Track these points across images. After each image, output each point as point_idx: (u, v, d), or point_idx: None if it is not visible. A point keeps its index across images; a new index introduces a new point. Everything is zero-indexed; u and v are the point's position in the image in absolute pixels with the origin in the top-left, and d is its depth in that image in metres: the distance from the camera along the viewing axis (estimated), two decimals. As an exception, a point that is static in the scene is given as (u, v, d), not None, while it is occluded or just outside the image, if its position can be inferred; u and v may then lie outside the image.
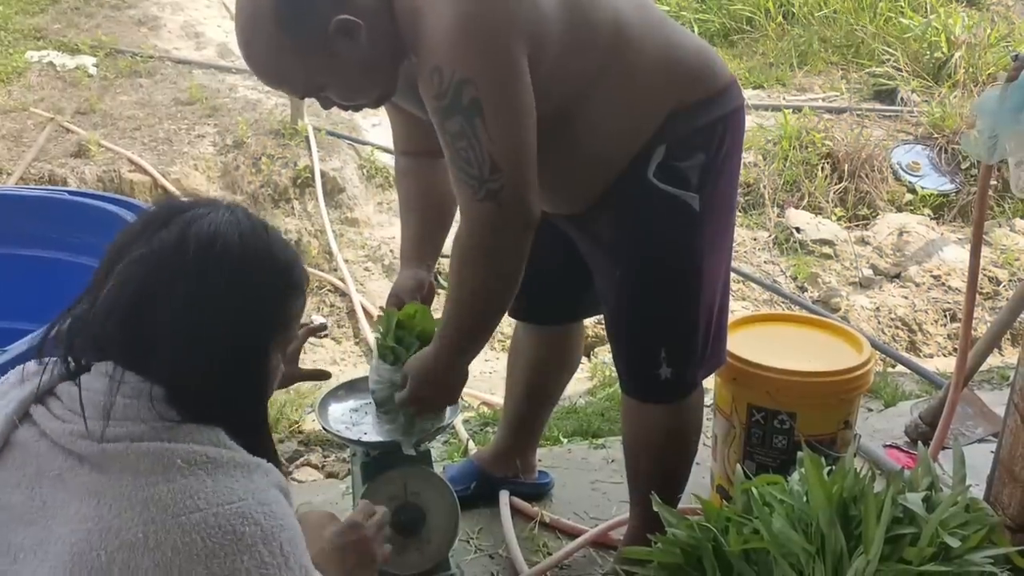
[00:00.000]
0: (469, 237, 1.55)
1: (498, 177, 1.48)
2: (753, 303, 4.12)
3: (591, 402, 3.11)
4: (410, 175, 1.94)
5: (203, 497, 1.01)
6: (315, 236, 4.26)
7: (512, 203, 1.50)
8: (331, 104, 1.64)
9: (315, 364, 3.51)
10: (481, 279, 1.58)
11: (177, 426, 1.07)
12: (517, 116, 1.48)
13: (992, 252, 4.47)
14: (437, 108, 1.49)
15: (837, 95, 5.96)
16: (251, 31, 1.51)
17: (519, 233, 1.54)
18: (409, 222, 1.93)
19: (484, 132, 1.46)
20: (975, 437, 2.58)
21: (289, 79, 1.58)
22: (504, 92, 1.47)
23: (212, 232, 1.11)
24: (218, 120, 4.74)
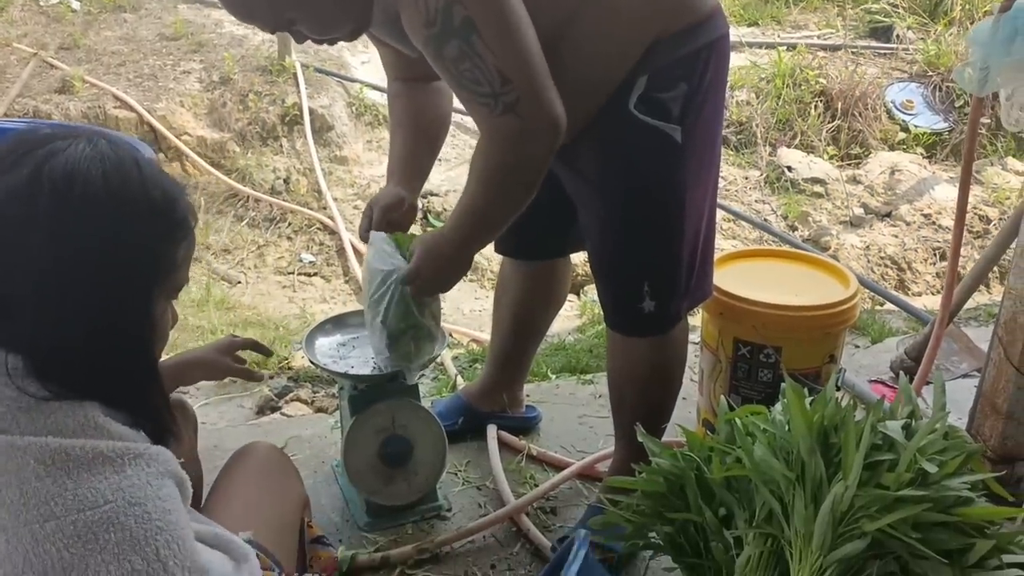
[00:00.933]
0: (494, 151, 1.54)
1: (511, 88, 1.46)
2: (743, 241, 4.12)
3: (580, 339, 3.12)
4: (402, 96, 1.93)
5: (60, 503, 0.88)
6: (304, 174, 4.22)
7: (533, 111, 1.48)
8: (304, 38, 1.61)
9: (304, 303, 3.51)
10: (504, 187, 1.58)
11: (38, 407, 0.94)
12: (513, 24, 1.46)
13: (983, 191, 4.46)
14: (429, 37, 1.46)
15: (832, 32, 5.89)
16: None
17: (547, 139, 1.52)
18: (397, 142, 1.93)
19: (484, 48, 1.43)
20: (959, 372, 2.61)
21: (257, 14, 1.55)
22: (494, 3, 1.44)
23: (70, 171, 0.95)
24: (204, 56, 4.67)
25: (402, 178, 1.89)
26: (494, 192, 1.59)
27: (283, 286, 3.64)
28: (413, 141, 1.91)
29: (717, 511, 1.48)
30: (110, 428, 0.95)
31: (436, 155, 1.96)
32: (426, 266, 1.70)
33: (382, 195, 1.87)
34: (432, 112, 1.90)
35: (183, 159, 4.15)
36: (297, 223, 3.96)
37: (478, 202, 1.61)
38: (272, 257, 3.81)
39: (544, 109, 1.49)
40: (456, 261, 1.70)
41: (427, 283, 1.72)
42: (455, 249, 1.67)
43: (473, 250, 1.71)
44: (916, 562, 1.25)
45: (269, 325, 3.15)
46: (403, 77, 1.90)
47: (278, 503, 1.47)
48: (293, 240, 3.92)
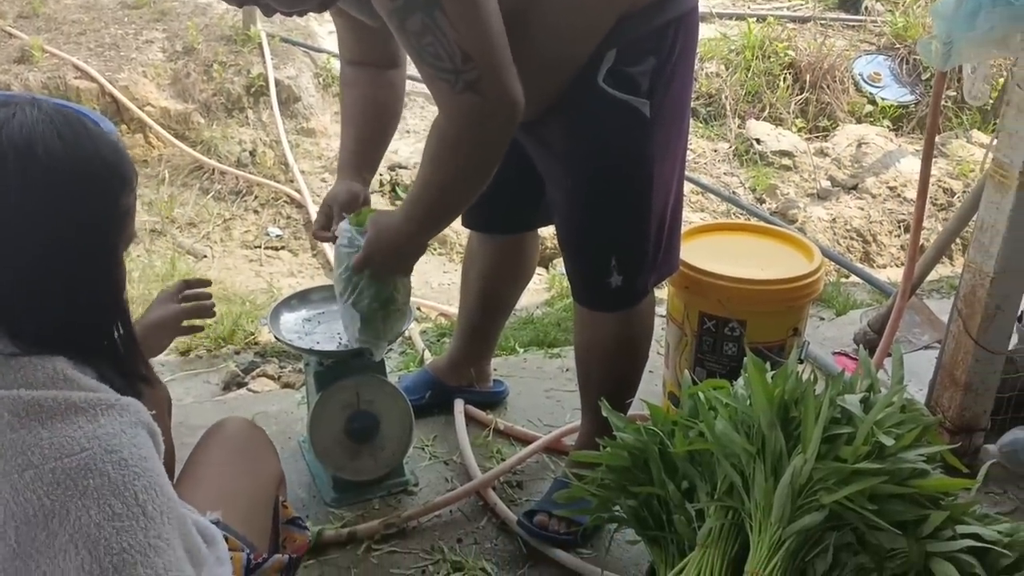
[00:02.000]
0: (452, 130, 1.52)
1: (472, 67, 1.44)
2: (712, 214, 4.14)
3: (548, 313, 3.13)
4: (355, 86, 1.89)
5: (37, 452, 0.91)
6: (270, 147, 4.17)
7: (493, 91, 1.47)
8: (273, 11, 1.58)
9: (271, 276, 3.48)
10: (461, 168, 1.56)
11: (6, 362, 0.97)
12: (477, 2, 1.44)
13: (948, 163, 4.51)
14: (393, 9, 1.44)
15: (802, 4, 5.89)
16: None
17: (506, 120, 1.51)
18: (349, 133, 1.89)
19: (447, 23, 1.42)
20: (921, 344, 2.64)
21: None
22: None
23: (27, 135, 0.98)
24: (167, 25, 4.58)
25: (354, 172, 1.87)
26: (451, 171, 1.57)
27: (250, 260, 3.61)
28: (366, 133, 1.88)
29: (680, 484, 1.49)
30: (79, 380, 0.98)
31: (387, 146, 1.94)
32: (379, 249, 1.68)
33: (338, 192, 1.85)
34: (386, 99, 1.88)
35: (146, 131, 4.09)
36: (264, 196, 3.92)
37: (433, 182, 1.59)
38: (238, 231, 3.78)
39: (504, 88, 1.47)
40: (411, 243, 1.68)
41: (380, 266, 1.71)
42: (409, 231, 1.65)
43: (429, 232, 1.70)
44: (872, 533, 1.28)
45: (236, 300, 3.13)
46: (358, 61, 1.87)
47: (251, 482, 1.45)
48: (260, 213, 3.88)
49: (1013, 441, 2.10)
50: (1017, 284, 1.98)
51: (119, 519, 0.91)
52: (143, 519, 0.92)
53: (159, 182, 3.95)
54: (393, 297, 1.78)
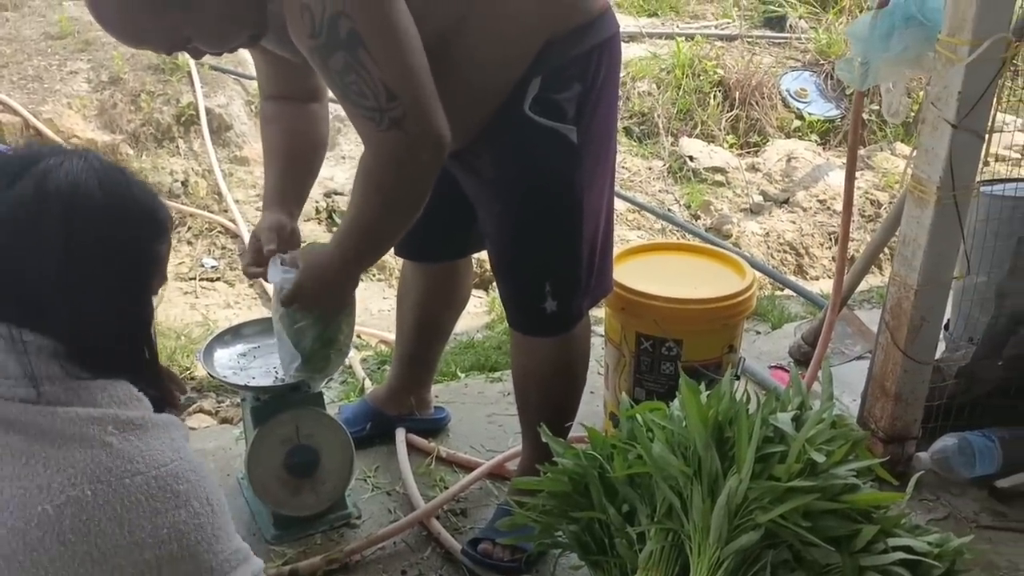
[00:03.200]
0: (379, 167, 1.52)
1: (397, 104, 1.44)
2: (648, 232, 4.18)
3: (489, 336, 3.13)
4: (275, 121, 1.87)
5: (140, 461, 1.08)
6: (203, 176, 4.11)
7: (419, 128, 1.47)
8: (202, 54, 1.57)
9: (207, 308, 3.42)
10: (390, 204, 1.56)
11: (89, 383, 1.10)
12: (400, 39, 1.44)
13: (874, 175, 4.63)
14: (315, 47, 1.44)
15: (729, 22, 6.01)
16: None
17: (432, 156, 1.51)
18: (273, 170, 1.87)
19: (371, 62, 1.42)
20: (853, 355, 2.70)
21: (150, 38, 1.50)
22: (381, 17, 1.42)
23: (72, 183, 1.10)
24: (92, 55, 4.48)
25: (280, 206, 1.84)
26: (379, 207, 1.57)
27: (184, 292, 3.54)
28: (290, 168, 1.85)
29: (620, 508, 1.50)
30: (145, 400, 1.15)
31: (314, 178, 1.92)
32: (310, 286, 1.67)
33: (265, 224, 1.82)
34: (309, 134, 1.86)
35: (73, 164, 4.00)
36: (197, 227, 3.85)
37: (363, 218, 1.59)
38: (172, 263, 3.68)
39: (430, 125, 1.48)
40: (342, 277, 1.68)
41: (311, 301, 1.69)
42: (341, 267, 1.65)
43: (361, 268, 1.70)
44: (807, 550, 1.30)
45: (170, 334, 3.06)
46: (279, 95, 1.85)
47: None
48: (194, 245, 3.81)
49: (943, 448, 2.16)
50: (940, 295, 2.04)
51: (198, 517, 1.10)
52: (212, 515, 1.12)
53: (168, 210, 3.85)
54: (336, 337, 1.77)
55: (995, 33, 1.76)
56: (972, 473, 2.15)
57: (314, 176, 1.91)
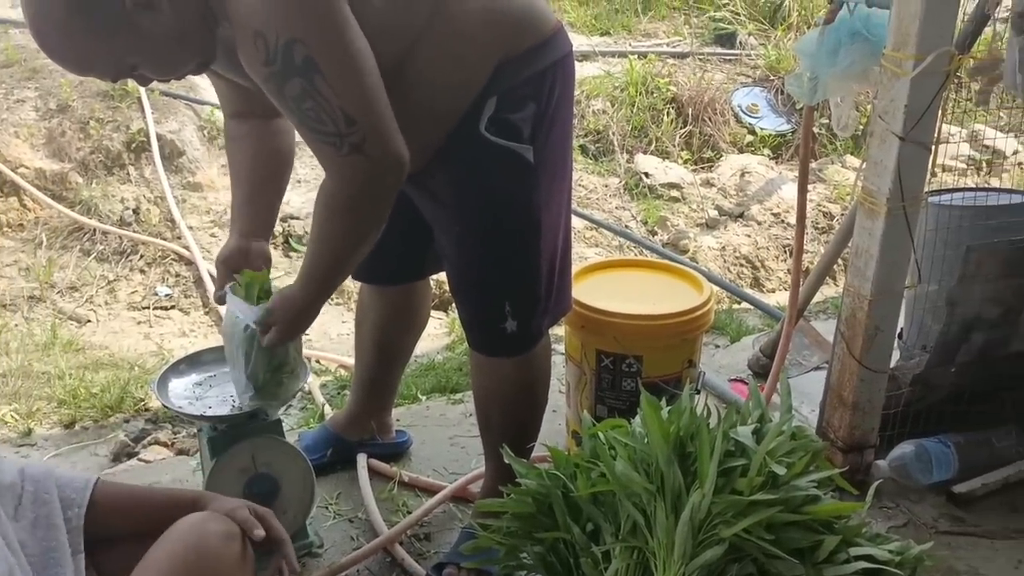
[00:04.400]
0: (342, 192, 1.52)
1: (356, 128, 1.44)
2: (606, 249, 4.20)
3: (449, 357, 3.11)
4: (241, 139, 1.85)
5: None
6: (155, 203, 4.05)
7: (379, 150, 1.48)
8: (149, 81, 1.55)
9: (161, 337, 3.36)
10: (353, 227, 1.57)
11: None
12: (356, 63, 1.44)
13: (826, 188, 4.70)
14: (269, 75, 1.43)
15: (680, 40, 6.08)
16: (42, 21, 1.40)
17: (393, 178, 1.52)
18: (240, 189, 1.85)
19: (328, 88, 1.41)
20: (811, 366, 2.73)
21: (95, 66, 1.48)
22: (336, 42, 1.42)
23: None
24: (39, 83, 4.41)
25: (247, 227, 1.82)
26: (343, 232, 1.58)
27: (138, 322, 3.48)
28: (257, 186, 1.84)
29: (585, 527, 1.49)
30: None
31: (282, 195, 1.90)
32: (288, 320, 1.68)
33: (226, 251, 1.81)
34: (275, 153, 1.84)
35: (20, 194, 3.91)
36: (150, 255, 3.79)
37: (327, 245, 1.60)
38: (124, 292, 3.63)
39: (390, 147, 1.49)
40: (313, 308, 1.69)
41: (285, 336, 1.70)
42: (310, 296, 1.66)
43: (328, 294, 1.70)
44: (771, 562, 1.30)
45: (123, 365, 3.00)
46: (241, 113, 1.83)
47: None
48: (147, 273, 3.75)
49: (901, 456, 2.18)
50: (893, 305, 2.06)
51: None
52: None
53: (36, 246, 3.78)
54: (286, 360, 1.75)
55: (938, 47, 1.80)
56: (930, 479, 2.17)
57: (282, 193, 1.90)
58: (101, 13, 1.39)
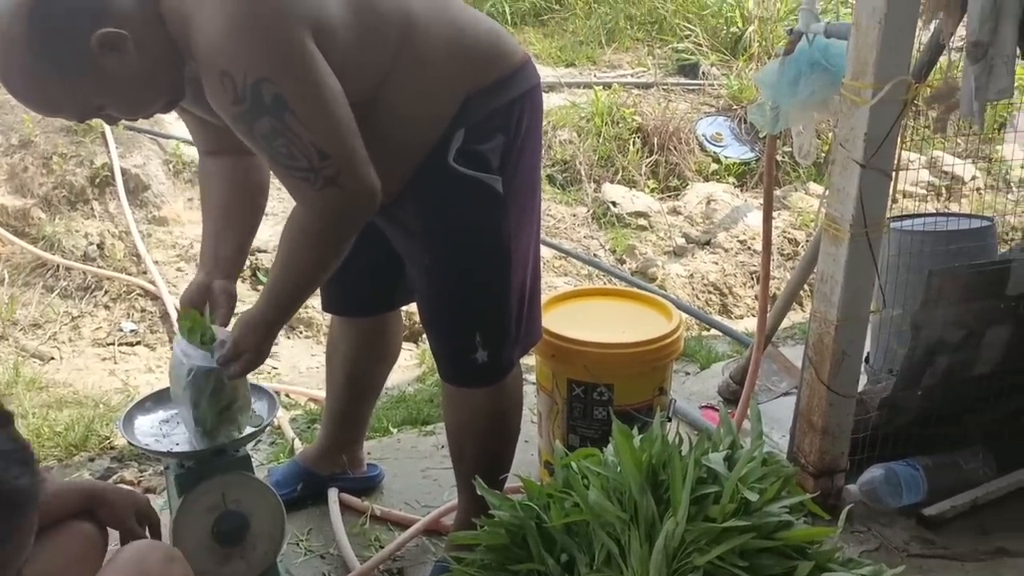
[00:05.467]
0: (315, 223, 1.53)
1: (330, 162, 1.45)
2: (575, 277, 4.21)
3: (420, 389, 3.10)
4: (213, 177, 1.84)
5: None
6: (119, 238, 4.00)
7: (353, 183, 1.49)
8: (116, 120, 1.55)
9: (127, 374, 3.32)
10: (322, 257, 1.58)
11: None
12: (326, 98, 1.44)
13: (791, 215, 4.76)
14: (238, 113, 1.43)
15: (644, 71, 6.16)
16: (7, 63, 1.40)
17: (366, 209, 1.54)
18: (210, 225, 1.84)
19: (299, 124, 1.42)
20: (780, 391, 2.75)
21: (62, 107, 1.48)
22: (305, 78, 1.42)
23: None
24: (1, 119, 4.37)
25: (214, 265, 1.80)
26: (312, 260, 1.58)
27: (103, 359, 3.42)
28: (227, 225, 1.82)
29: (559, 558, 1.49)
30: None
31: (253, 235, 1.89)
32: (250, 346, 1.65)
33: (189, 288, 1.80)
34: (246, 191, 1.83)
35: (-18, 230, 3.87)
36: (115, 291, 3.74)
37: (293, 272, 1.59)
38: (89, 328, 3.58)
39: (363, 179, 1.50)
40: (273, 333, 1.67)
41: (251, 364, 1.68)
42: (272, 321, 1.65)
43: (287, 319, 1.70)
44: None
45: (88, 403, 2.95)
46: (214, 150, 1.82)
47: None
48: (112, 309, 3.70)
49: (871, 479, 2.20)
50: (859, 329, 2.09)
51: None
52: None
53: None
54: (235, 398, 1.74)
55: (896, 76, 1.84)
56: (900, 503, 2.19)
57: (252, 233, 1.88)
58: (66, 56, 1.39)
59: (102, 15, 1.39)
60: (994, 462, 2.28)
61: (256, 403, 1.89)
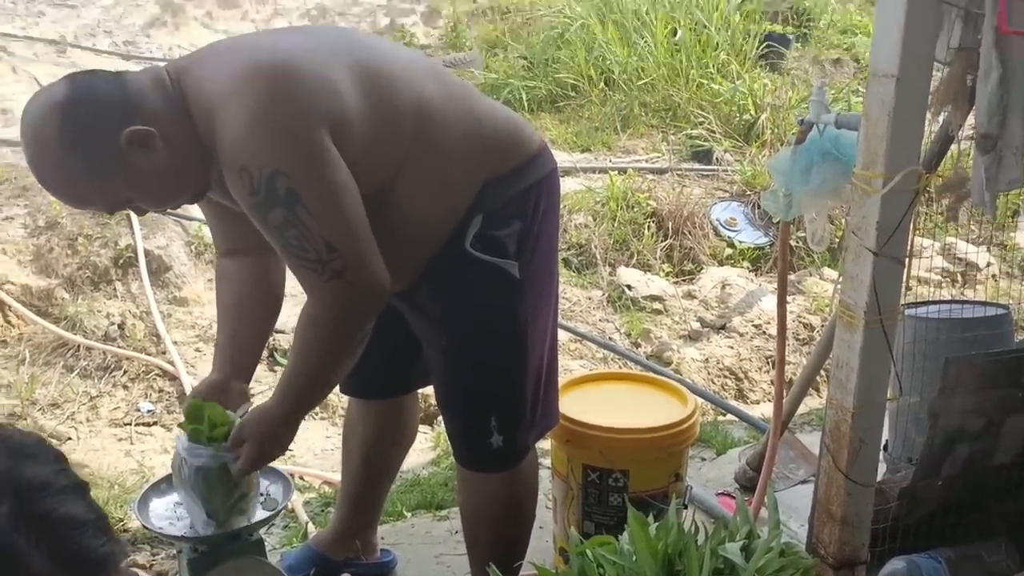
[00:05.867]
0: (322, 316, 1.55)
1: (337, 256, 1.48)
2: (590, 361, 4.21)
3: (435, 472, 3.08)
4: (230, 279, 1.88)
5: None
6: (140, 318, 4.05)
7: (360, 277, 1.51)
8: (145, 211, 1.60)
9: (143, 454, 3.32)
10: (333, 349, 1.59)
11: None
12: (337, 193, 1.48)
13: (805, 300, 4.77)
14: (254, 204, 1.47)
15: (659, 156, 6.26)
16: (40, 160, 1.46)
17: (373, 304, 1.56)
18: (226, 328, 1.87)
19: (309, 217, 1.46)
20: (798, 479, 2.72)
21: (92, 200, 1.54)
22: (317, 174, 1.47)
23: None
24: (29, 200, 4.47)
25: (229, 365, 1.83)
26: (323, 354, 1.60)
27: (119, 439, 3.43)
28: (242, 328, 1.86)
29: (574, 649, 1.46)
30: None
31: (267, 338, 1.93)
32: (264, 439, 1.66)
33: (202, 385, 1.83)
34: (263, 290, 1.87)
35: (5, 309, 3.92)
36: (134, 370, 3.77)
37: (306, 366, 1.61)
38: (106, 408, 3.60)
39: (370, 274, 1.52)
40: (288, 428, 1.68)
41: (258, 460, 1.69)
42: (286, 415, 1.66)
43: (303, 414, 1.70)
44: None
45: (103, 484, 2.95)
46: (232, 249, 1.86)
47: None
48: (130, 388, 3.72)
49: (892, 572, 2.15)
50: (877, 417, 2.07)
51: None
52: None
53: (19, 362, 3.76)
54: (247, 492, 1.75)
55: (906, 166, 1.86)
56: (922, 596, 2.14)
57: (267, 336, 1.92)
58: (97, 153, 1.45)
59: (132, 113, 1.46)
60: (1016, 553, 2.23)
61: (271, 486, 1.90)
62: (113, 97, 1.48)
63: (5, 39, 7.12)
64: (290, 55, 1.51)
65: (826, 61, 7.98)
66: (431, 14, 9.18)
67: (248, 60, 1.50)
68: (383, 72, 1.60)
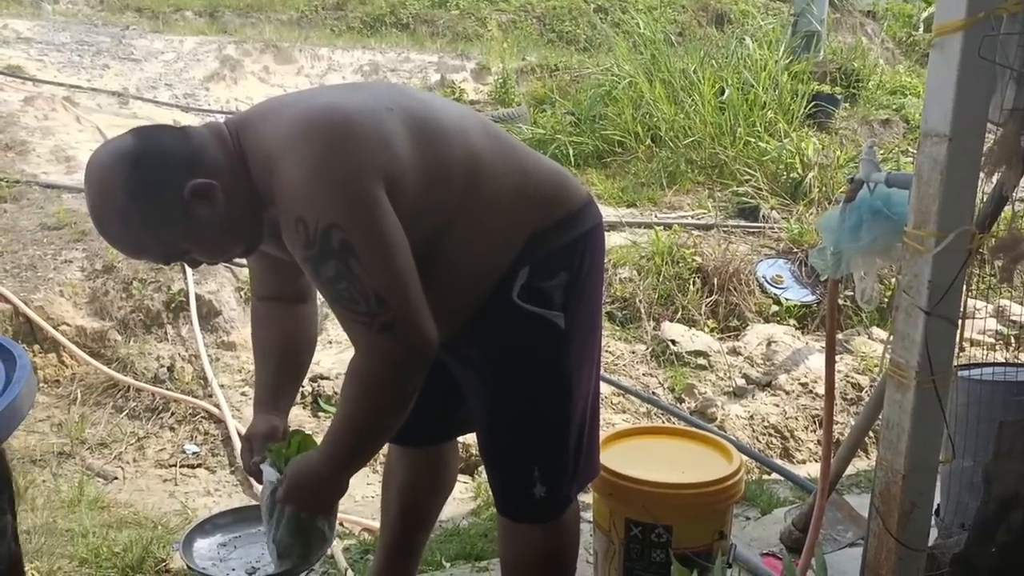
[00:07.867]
0: (370, 371, 1.55)
1: (387, 309, 1.50)
2: (633, 415, 4.18)
3: (475, 523, 3.06)
4: (266, 322, 1.91)
5: None
6: (189, 361, 4.13)
7: (408, 332, 1.52)
8: (199, 263, 1.64)
9: (186, 496, 3.35)
10: (379, 407, 1.59)
11: None
12: (390, 248, 1.50)
13: (853, 359, 4.70)
14: (308, 256, 1.50)
15: (704, 212, 6.27)
16: (103, 208, 1.51)
17: (422, 359, 1.55)
18: (265, 369, 1.90)
19: (362, 270, 1.48)
20: (846, 542, 2.65)
21: (150, 250, 1.58)
22: (372, 228, 1.49)
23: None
24: (87, 244, 4.60)
25: (272, 407, 1.86)
26: (370, 410, 1.60)
27: (164, 480, 3.48)
28: (281, 369, 1.89)
29: None
30: None
31: (303, 377, 1.96)
32: (298, 489, 1.68)
33: (257, 428, 1.85)
34: (298, 335, 1.90)
35: (59, 350, 4.02)
36: (181, 412, 3.84)
37: (352, 422, 1.61)
38: (153, 449, 3.66)
39: (418, 329, 1.53)
40: (331, 483, 1.68)
41: (301, 507, 1.71)
42: (329, 471, 1.66)
43: (349, 471, 1.69)
44: None
45: (147, 524, 2.98)
46: (270, 296, 1.90)
47: None
48: (176, 430, 3.78)
49: (945, 640, 2.08)
50: (929, 480, 2.03)
51: None
52: None
53: (70, 402, 3.84)
54: (312, 528, 1.76)
55: (959, 226, 1.85)
56: (977, 667, 2.06)
57: (304, 374, 1.96)
58: (161, 203, 1.50)
59: (195, 166, 1.51)
60: (1076, 626, 2.15)
61: None
62: (178, 150, 1.53)
63: (71, 90, 7.40)
64: (345, 110, 1.56)
65: (875, 121, 7.96)
66: (481, 71, 9.36)
67: (305, 115, 1.55)
68: (435, 126, 1.64)
